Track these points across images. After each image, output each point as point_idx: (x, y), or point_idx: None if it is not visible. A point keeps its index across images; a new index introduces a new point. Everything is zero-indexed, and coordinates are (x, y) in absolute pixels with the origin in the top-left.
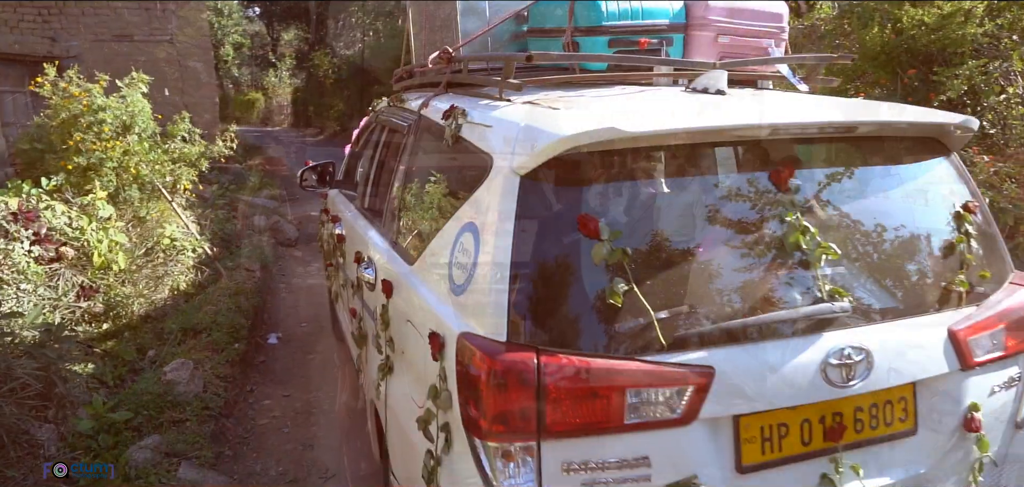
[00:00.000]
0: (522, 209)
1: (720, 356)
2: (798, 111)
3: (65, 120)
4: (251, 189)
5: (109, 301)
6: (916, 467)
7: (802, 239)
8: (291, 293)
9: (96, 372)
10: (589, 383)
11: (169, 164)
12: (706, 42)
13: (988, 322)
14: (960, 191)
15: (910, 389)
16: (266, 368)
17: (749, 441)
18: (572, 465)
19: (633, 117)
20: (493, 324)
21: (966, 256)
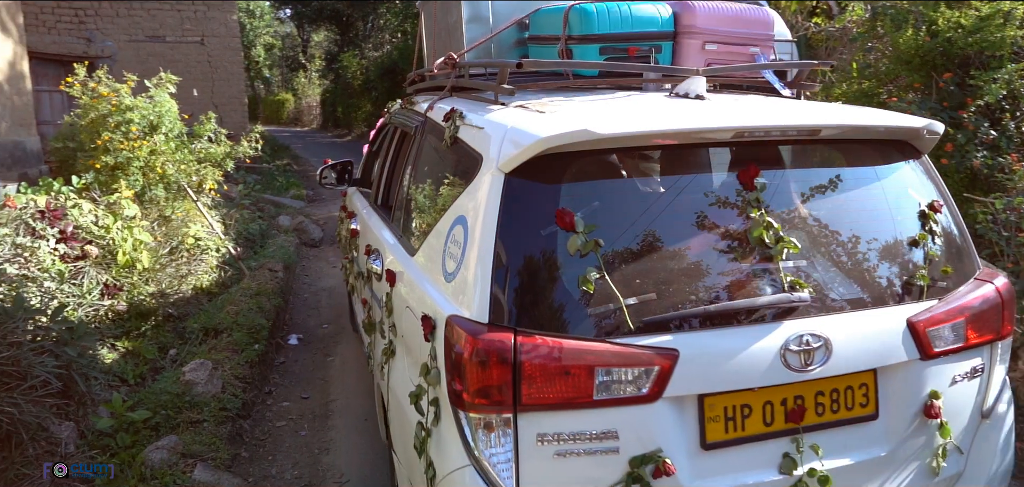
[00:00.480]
0: (506, 204)
1: (685, 340)
2: (765, 115)
3: (94, 119)
4: (278, 189)
5: (132, 299)
6: (877, 450)
7: (766, 234)
8: (314, 294)
9: (117, 370)
10: (561, 362)
11: (195, 164)
12: (694, 49)
13: (949, 315)
14: (927, 191)
15: (871, 376)
16: (285, 369)
17: (713, 420)
18: (546, 436)
19: (605, 120)
20: (477, 307)
21: (929, 252)
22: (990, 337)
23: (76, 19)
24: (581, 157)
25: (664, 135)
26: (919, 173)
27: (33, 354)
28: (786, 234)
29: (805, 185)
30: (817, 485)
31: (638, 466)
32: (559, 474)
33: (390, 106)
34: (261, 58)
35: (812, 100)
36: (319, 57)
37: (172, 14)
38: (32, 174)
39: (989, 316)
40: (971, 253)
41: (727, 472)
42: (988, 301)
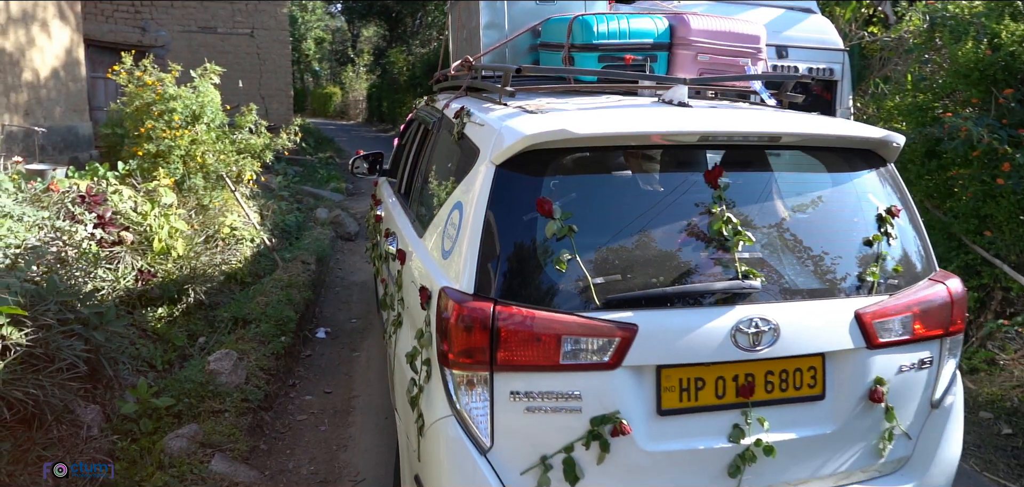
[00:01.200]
0: (495, 192)
1: (644, 317)
2: (731, 121)
3: (138, 107)
4: (318, 181)
5: (165, 286)
6: (822, 427)
7: (725, 228)
8: (345, 288)
9: (147, 355)
10: (533, 330)
11: (234, 155)
12: (688, 59)
13: (895, 309)
14: (888, 197)
15: (819, 360)
16: (311, 362)
17: (669, 389)
18: (518, 394)
19: (585, 121)
20: (465, 280)
21: (882, 252)
22: (938, 332)
23: (132, 9)
24: (562, 153)
25: (635, 136)
26: (881, 180)
27: (62, 337)
28: (744, 229)
29: (769, 186)
30: (763, 454)
31: (598, 425)
32: (528, 427)
33: (417, 103)
34: (311, 52)
35: (795, 109)
36: (367, 52)
37: (224, 6)
38: (82, 158)
39: (938, 313)
40: (928, 255)
41: (680, 437)
42: (938, 299)
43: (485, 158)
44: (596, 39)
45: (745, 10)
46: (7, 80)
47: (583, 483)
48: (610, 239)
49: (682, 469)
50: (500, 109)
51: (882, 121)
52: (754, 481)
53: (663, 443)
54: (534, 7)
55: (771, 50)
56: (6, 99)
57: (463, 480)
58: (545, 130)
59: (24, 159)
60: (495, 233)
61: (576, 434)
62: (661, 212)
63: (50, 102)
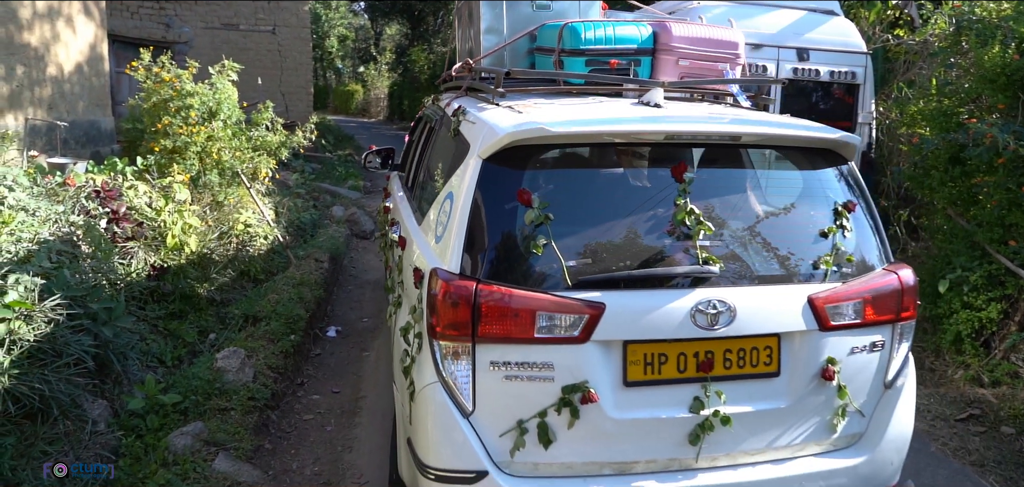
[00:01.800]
0: (480, 182)
1: (612, 297)
2: (695, 121)
3: (156, 104)
4: (336, 178)
5: (178, 282)
6: (777, 402)
7: (687, 219)
8: (358, 286)
9: (157, 351)
10: (510, 306)
11: (250, 151)
12: (670, 64)
13: (847, 295)
14: (845, 192)
15: (775, 340)
16: (320, 361)
17: (634, 363)
18: (496, 363)
19: (561, 120)
20: (452, 261)
21: (837, 243)
22: (889, 318)
23: (156, 5)
24: (541, 149)
25: (606, 134)
26: (840, 177)
27: (70, 332)
28: (707, 220)
29: (734, 181)
30: (720, 424)
31: (568, 393)
32: (505, 393)
33: (425, 102)
34: (334, 49)
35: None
36: (390, 50)
37: (246, 4)
38: (104, 153)
39: (889, 300)
40: (883, 248)
41: (644, 407)
42: (889, 287)
43: (474, 152)
44: (583, 45)
45: (766, 13)
46: (32, 75)
47: (555, 446)
48: (583, 226)
49: (646, 436)
50: (492, 108)
51: (905, 126)
52: (713, 449)
53: (628, 412)
54: (531, 13)
55: (792, 52)
56: (31, 93)
57: (448, 441)
58: (524, 127)
59: (46, 153)
60: (480, 220)
61: (549, 401)
62: (631, 203)
63: (73, 97)
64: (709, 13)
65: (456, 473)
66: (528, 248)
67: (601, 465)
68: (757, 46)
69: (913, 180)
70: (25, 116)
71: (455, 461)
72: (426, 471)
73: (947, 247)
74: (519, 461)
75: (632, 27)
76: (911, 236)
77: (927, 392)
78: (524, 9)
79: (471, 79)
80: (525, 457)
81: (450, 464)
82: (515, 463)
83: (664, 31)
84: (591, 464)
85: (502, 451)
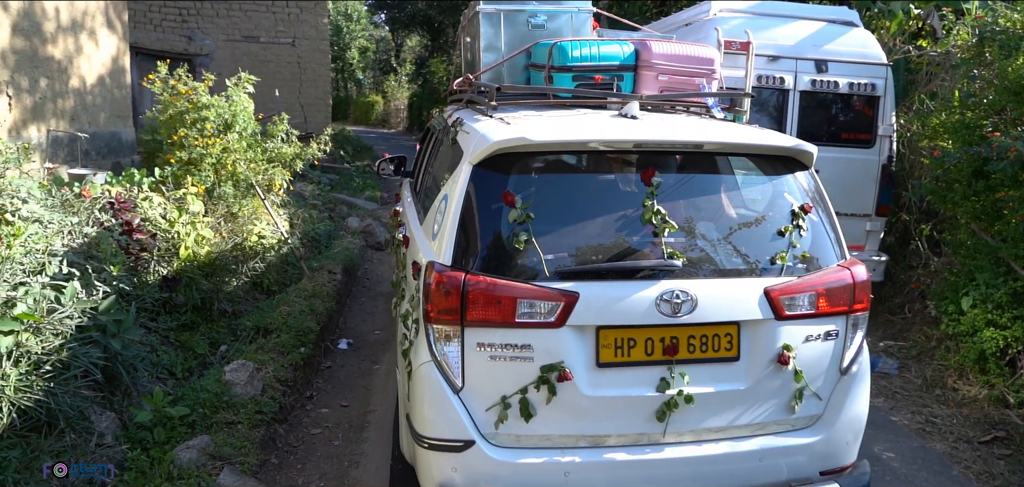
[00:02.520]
0: (471, 185)
1: (585, 286)
2: (663, 131)
3: (172, 116)
4: (354, 189)
5: (190, 294)
6: (737, 384)
7: (654, 218)
8: (371, 298)
9: (167, 362)
10: (495, 294)
11: (264, 163)
12: (650, 79)
13: (801, 288)
14: (803, 195)
15: (735, 327)
16: (331, 374)
17: (606, 346)
18: (483, 344)
19: (542, 131)
20: (445, 255)
21: (793, 241)
22: (843, 309)
23: (180, 18)
24: (524, 156)
25: (581, 143)
26: (799, 181)
27: (79, 344)
28: (671, 219)
29: (701, 184)
30: (684, 402)
31: (546, 372)
32: (491, 371)
33: (433, 113)
34: (355, 60)
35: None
36: (410, 61)
37: (267, 16)
38: (125, 163)
39: (842, 293)
40: (838, 246)
41: (615, 386)
42: (842, 281)
43: (466, 159)
44: (571, 62)
45: (784, 24)
46: (54, 87)
47: (535, 420)
48: (561, 224)
49: (617, 412)
50: (485, 120)
51: (927, 138)
52: (679, 426)
53: (601, 390)
54: (527, 32)
55: (810, 64)
56: (53, 105)
57: (440, 413)
58: (508, 137)
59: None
60: (470, 218)
61: (529, 379)
62: (604, 203)
63: (95, 108)
64: (726, 25)
65: (447, 442)
66: (512, 243)
67: (577, 438)
68: (774, 58)
69: (935, 194)
70: (48, 127)
71: (446, 431)
72: (421, 440)
73: (970, 263)
74: (503, 433)
75: (615, 45)
76: (933, 251)
77: (949, 412)
78: (520, 28)
79: (470, 93)
80: (508, 429)
81: (442, 434)
82: (500, 434)
83: (645, 49)
84: (568, 437)
85: (488, 423)
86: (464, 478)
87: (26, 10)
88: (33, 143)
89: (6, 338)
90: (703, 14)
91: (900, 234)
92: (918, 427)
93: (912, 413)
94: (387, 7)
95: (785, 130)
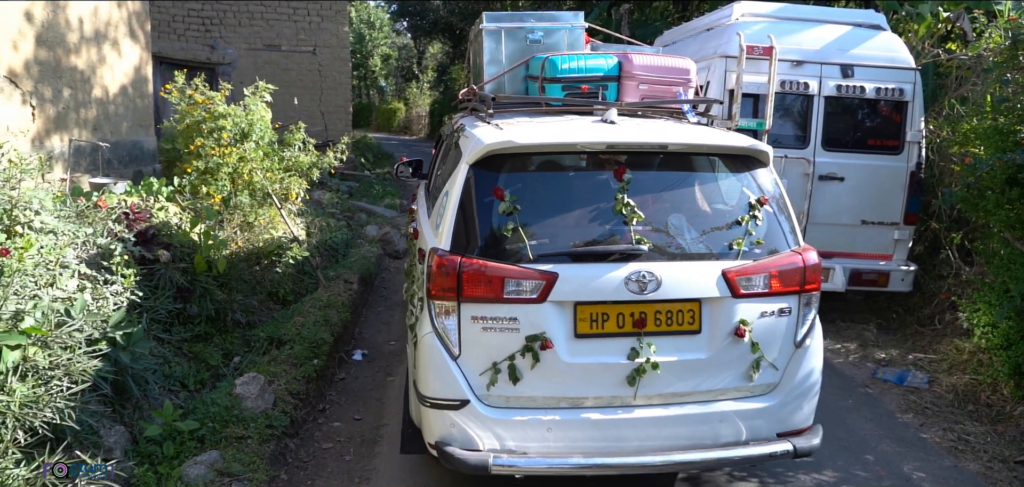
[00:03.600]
0: (467, 182)
1: (564, 268)
2: (632, 134)
3: (189, 125)
4: (374, 197)
5: (203, 304)
6: (698, 354)
7: (624, 209)
8: (388, 308)
9: (180, 374)
10: (485, 274)
11: (280, 172)
12: (632, 88)
13: (755, 270)
14: (760, 189)
15: (697, 304)
16: (344, 387)
17: (583, 320)
18: (476, 317)
19: (528, 135)
20: (445, 242)
21: (749, 230)
22: (794, 289)
23: (203, 28)
24: (513, 157)
25: (560, 145)
26: (758, 176)
27: (88, 357)
28: (639, 210)
29: (670, 180)
30: (652, 369)
31: (531, 341)
32: (483, 340)
33: (446, 119)
34: (377, 68)
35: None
36: (432, 68)
37: (288, 24)
38: (146, 172)
39: (793, 275)
40: (792, 234)
41: (591, 354)
42: (792, 265)
43: (464, 159)
44: (560, 74)
45: (808, 28)
46: (78, 97)
47: (521, 383)
48: (544, 215)
49: (593, 377)
50: (482, 126)
51: (958, 145)
52: (648, 389)
53: (578, 357)
54: (525, 47)
55: (835, 68)
56: (76, 115)
57: (440, 376)
58: (499, 141)
59: (90, 173)
60: (466, 210)
61: (516, 347)
62: (582, 197)
63: (118, 117)
64: (748, 29)
65: (446, 401)
66: (501, 231)
67: (557, 399)
68: (798, 62)
69: (966, 202)
70: (70, 137)
71: (446, 392)
72: (424, 400)
73: (1004, 273)
74: (494, 394)
75: (601, 59)
76: (964, 260)
77: (983, 430)
78: (520, 43)
79: (474, 102)
80: (499, 391)
81: (442, 394)
82: (491, 395)
83: (627, 61)
84: (549, 398)
85: (481, 386)
86: (460, 433)
87: (50, 22)
88: (56, 153)
89: (13, 352)
90: (725, 18)
91: (929, 243)
92: (950, 445)
93: (944, 430)
94: (409, 14)
95: (810, 137)
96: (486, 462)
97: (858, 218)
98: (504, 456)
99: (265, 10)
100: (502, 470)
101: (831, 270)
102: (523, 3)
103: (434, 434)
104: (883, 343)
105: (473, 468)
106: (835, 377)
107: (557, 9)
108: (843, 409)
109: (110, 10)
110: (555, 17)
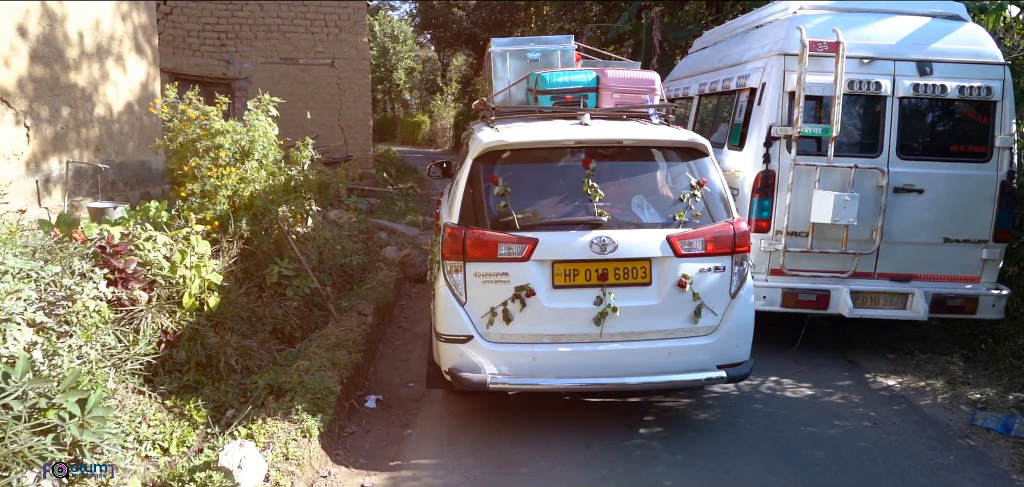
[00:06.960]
0: (471, 172)
1: (543, 235)
2: (595, 132)
3: (182, 144)
4: (395, 214)
5: (193, 350)
6: (650, 300)
7: (589, 190)
8: (407, 340)
9: (160, 436)
10: (483, 240)
11: (286, 193)
12: (607, 97)
13: (692, 235)
14: (701, 174)
15: (647, 262)
16: (354, 443)
17: (559, 274)
18: (478, 272)
19: (518, 136)
20: (455, 218)
21: (689, 206)
22: (726, 251)
23: (218, 42)
24: (506, 152)
25: (539, 143)
26: (700, 164)
27: (30, 433)
28: (601, 191)
29: (627, 168)
30: (612, 312)
31: (519, 291)
32: (483, 290)
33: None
34: (402, 81)
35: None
36: (455, 81)
37: (305, 37)
38: (154, 193)
39: (725, 240)
40: (727, 210)
41: (566, 300)
42: (723, 232)
43: (470, 155)
44: (550, 86)
45: (878, 20)
46: (78, 116)
47: (513, 323)
48: (529, 195)
49: (568, 319)
50: (485, 129)
51: None
52: (611, 329)
53: (556, 303)
54: (527, 65)
55: (911, 65)
56: (76, 135)
57: (452, 318)
58: (494, 140)
59: (92, 196)
60: (470, 194)
61: (507, 295)
62: (558, 181)
63: (123, 136)
64: (809, 23)
65: (456, 336)
66: (496, 208)
67: (540, 336)
68: (869, 59)
69: None
70: (69, 158)
71: (455, 330)
72: (440, 337)
73: None
74: (492, 332)
75: (582, 74)
76: None
77: None
78: (522, 62)
79: (483, 111)
80: (495, 329)
81: (453, 331)
82: (490, 333)
83: (603, 75)
84: (535, 335)
85: (482, 325)
86: (467, 361)
87: (46, 37)
88: (54, 175)
89: None
90: (780, 13)
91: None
92: None
93: None
94: (433, 26)
95: (883, 144)
96: (486, 381)
97: (940, 235)
98: (500, 377)
99: (282, 22)
100: (498, 387)
101: (910, 295)
102: (548, 9)
103: (447, 363)
104: (974, 380)
105: (476, 386)
106: (927, 425)
107: (582, 16)
108: (944, 468)
109: (113, 24)
110: (550, 41)
